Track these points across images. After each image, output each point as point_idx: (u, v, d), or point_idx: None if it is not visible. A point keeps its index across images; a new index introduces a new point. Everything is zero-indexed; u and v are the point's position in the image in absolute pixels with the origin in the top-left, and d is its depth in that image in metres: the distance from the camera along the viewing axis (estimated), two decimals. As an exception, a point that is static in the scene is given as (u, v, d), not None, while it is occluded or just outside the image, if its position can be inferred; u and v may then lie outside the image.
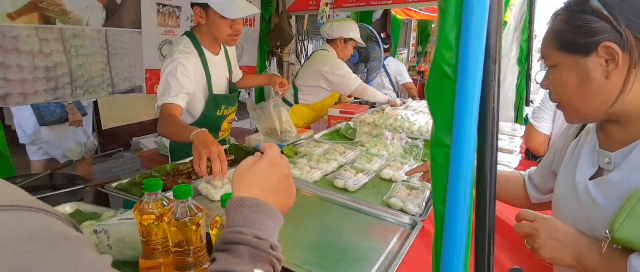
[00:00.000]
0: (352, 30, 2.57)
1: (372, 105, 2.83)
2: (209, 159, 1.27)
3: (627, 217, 0.67)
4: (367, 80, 3.34)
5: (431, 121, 0.59)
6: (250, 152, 1.86)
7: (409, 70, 7.21)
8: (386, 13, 6.73)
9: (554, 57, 0.78)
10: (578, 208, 0.81)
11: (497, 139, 0.61)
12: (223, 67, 1.89)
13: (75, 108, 2.96)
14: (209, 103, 1.79)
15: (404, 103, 2.85)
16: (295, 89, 2.61)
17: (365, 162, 1.61)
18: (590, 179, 0.80)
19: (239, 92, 2.03)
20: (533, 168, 1.17)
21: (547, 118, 1.76)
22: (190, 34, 1.75)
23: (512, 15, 2.61)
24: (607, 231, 0.69)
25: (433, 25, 8.41)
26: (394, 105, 2.73)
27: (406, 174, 1.41)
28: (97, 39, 2.34)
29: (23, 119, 2.88)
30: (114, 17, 2.40)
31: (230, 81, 1.96)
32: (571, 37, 0.74)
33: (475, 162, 0.59)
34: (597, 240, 0.73)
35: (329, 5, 3.13)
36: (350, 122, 2.23)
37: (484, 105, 0.59)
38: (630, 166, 0.73)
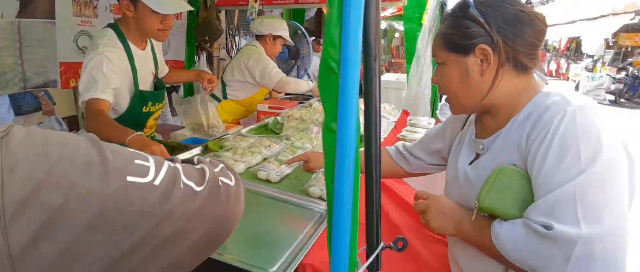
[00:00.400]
0: (282, 28, 2.63)
1: (301, 101, 2.91)
2: None
3: (489, 190, 0.80)
4: (297, 77, 3.42)
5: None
6: (175, 147, 1.84)
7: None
8: (320, 12, 6.86)
9: (442, 55, 0.89)
10: (460, 190, 0.95)
11: (379, 125, 0.71)
12: (149, 63, 1.84)
13: (47, 98, 3.14)
14: (134, 99, 1.73)
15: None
16: (224, 85, 2.61)
17: (289, 155, 1.68)
18: (470, 164, 0.94)
19: (166, 88, 1.99)
20: (400, 143, 1.33)
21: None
22: (114, 27, 1.66)
23: (428, 17, 2.84)
24: (476, 202, 0.83)
25: (365, 25, 8.75)
26: (318, 96, 2.84)
27: (286, 162, 1.50)
28: (10, 31, 2.17)
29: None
30: (28, 8, 2.23)
31: (156, 77, 1.91)
32: (455, 39, 0.85)
33: (362, 145, 0.68)
34: (472, 211, 0.87)
35: (258, 1, 3.15)
36: (278, 117, 2.28)
37: (368, 96, 0.68)
38: (496, 149, 0.87)
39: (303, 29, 3.34)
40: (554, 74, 17.13)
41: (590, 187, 0.69)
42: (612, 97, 10.28)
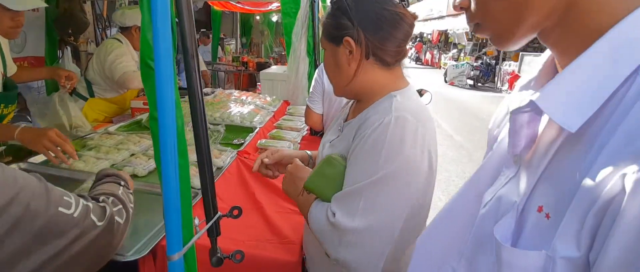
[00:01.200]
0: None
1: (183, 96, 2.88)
2: None
3: (314, 174, 0.91)
4: (179, 72, 3.35)
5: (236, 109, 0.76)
6: (32, 151, 1.71)
7: (233, 61, 7.42)
8: (206, 5, 6.69)
9: (323, 42, 0.93)
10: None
11: (204, 111, 0.83)
12: None
13: None
14: None
15: (212, 92, 3.01)
16: (88, 83, 2.45)
17: (160, 149, 1.71)
18: (330, 142, 1.00)
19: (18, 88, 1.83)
20: None
21: (318, 100, 2.18)
22: None
23: (301, 12, 3.05)
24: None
25: (257, 17, 8.81)
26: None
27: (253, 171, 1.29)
28: None
29: None
30: None
31: (5, 76, 1.76)
32: (329, 28, 0.90)
33: (190, 130, 0.79)
34: None
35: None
36: (153, 113, 2.25)
37: (190, 88, 0.80)
38: (344, 135, 0.93)
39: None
40: (430, 62, 19.32)
41: (376, 187, 0.79)
42: (472, 82, 12.09)
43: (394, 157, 0.78)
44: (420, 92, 3.83)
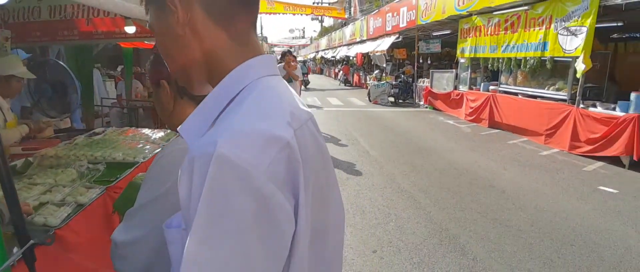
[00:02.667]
0: (12, 67, 2.50)
1: (68, 138, 2.90)
2: None
3: (120, 197, 1.09)
4: (72, 111, 3.36)
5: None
6: None
7: (149, 96, 7.34)
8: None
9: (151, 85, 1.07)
10: None
11: (5, 157, 0.99)
12: None
13: None
14: None
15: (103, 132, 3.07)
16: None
17: (25, 193, 1.78)
18: None
19: None
20: None
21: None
22: None
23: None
24: None
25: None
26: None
27: None
28: None
29: None
30: None
31: None
32: (150, 74, 1.04)
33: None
34: None
35: (9, 40, 3.00)
36: (30, 159, 2.28)
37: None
38: None
39: (61, 63, 3.30)
40: (357, 83, 20.36)
41: (145, 209, 0.90)
42: (393, 99, 12.98)
43: (159, 185, 0.90)
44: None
